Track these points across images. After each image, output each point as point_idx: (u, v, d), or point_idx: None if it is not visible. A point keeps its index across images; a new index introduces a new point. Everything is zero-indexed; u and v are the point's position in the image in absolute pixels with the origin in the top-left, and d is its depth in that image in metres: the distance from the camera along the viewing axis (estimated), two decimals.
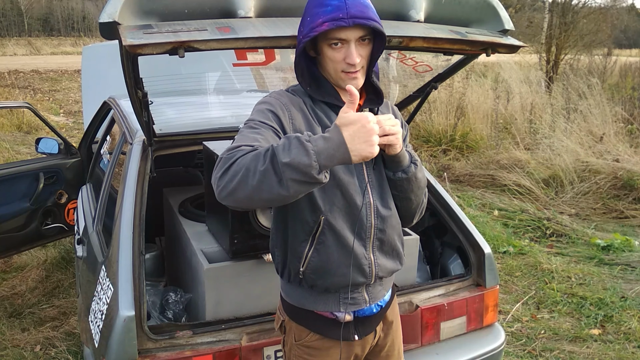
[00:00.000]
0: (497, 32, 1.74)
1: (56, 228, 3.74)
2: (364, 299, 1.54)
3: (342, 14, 1.29)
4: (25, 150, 7.60)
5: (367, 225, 1.47)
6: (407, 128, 1.63)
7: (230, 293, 2.02)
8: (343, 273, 1.46)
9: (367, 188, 1.47)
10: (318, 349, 1.56)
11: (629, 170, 5.58)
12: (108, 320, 1.78)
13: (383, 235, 1.51)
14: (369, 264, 1.49)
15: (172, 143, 2.40)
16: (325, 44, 1.36)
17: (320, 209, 1.43)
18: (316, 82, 1.45)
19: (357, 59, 1.34)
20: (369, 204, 1.47)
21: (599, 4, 15.04)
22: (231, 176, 1.18)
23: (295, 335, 1.58)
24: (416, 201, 1.55)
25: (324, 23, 1.30)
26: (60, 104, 12.17)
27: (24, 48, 25.42)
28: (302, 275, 1.48)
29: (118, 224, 1.98)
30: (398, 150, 1.40)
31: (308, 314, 1.55)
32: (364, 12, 1.31)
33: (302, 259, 1.46)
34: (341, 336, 1.53)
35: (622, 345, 3.19)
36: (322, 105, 1.47)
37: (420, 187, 1.53)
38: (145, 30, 1.32)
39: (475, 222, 4.53)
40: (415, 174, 1.48)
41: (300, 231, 1.46)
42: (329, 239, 1.44)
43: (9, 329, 3.26)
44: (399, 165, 1.45)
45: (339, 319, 1.54)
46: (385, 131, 1.32)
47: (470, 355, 2.14)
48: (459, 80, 8.77)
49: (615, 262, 4.28)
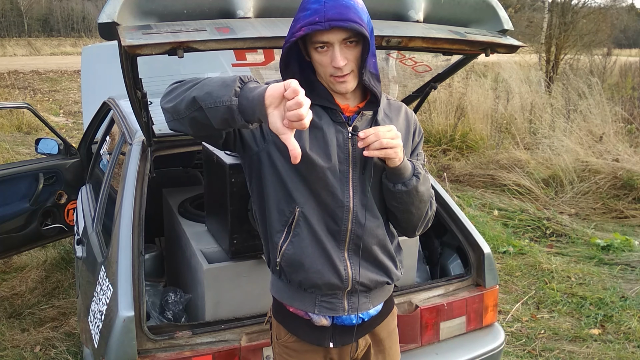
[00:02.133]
0: (497, 32, 1.73)
1: (56, 228, 3.74)
2: (342, 307, 1.49)
3: (319, 17, 1.26)
4: (25, 151, 7.60)
5: (343, 228, 1.44)
6: (421, 136, 1.57)
7: (230, 293, 2.02)
8: (317, 269, 1.44)
9: (349, 192, 1.42)
10: (295, 350, 1.55)
11: (628, 170, 5.58)
12: (107, 320, 1.78)
13: (359, 241, 1.46)
14: (344, 267, 1.45)
15: (172, 143, 2.39)
16: (312, 48, 1.34)
17: (296, 200, 1.41)
18: (310, 86, 1.41)
19: (341, 62, 1.31)
20: (347, 207, 1.42)
21: (598, 4, 15.07)
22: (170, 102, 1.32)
23: (277, 334, 1.59)
24: (418, 214, 1.48)
25: (302, 28, 1.28)
26: (60, 104, 12.18)
27: (24, 48, 25.45)
28: (278, 266, 1.48)
29: (117, 224, 1.98)
30: (397, 163, 1.36)
31: (286, 313, 1.55)
32: (343, 14, 1.26)
33: (277, 249, 1.46)
34: (316, 340, 1.52)
35: (622, 345, 3.19)
36: (316, 107, 1.43)
37: (422, 200, 1.46)
38: (144, 30, 1.32)
39: (475, 222, 4.53)
40: (416, 187, 1.42)
41: (276, 221, 1.45)
42: (303, 232, 1.43)
43: (9, 329, 3.26)
44: (399, 177, 1.40)
45: (314, 322, 1.52)
46: (382, 144, 1.30)
47: (469, 355, 2.14)
48: (459, 80, 8.78)
49: (615, 262, 4.28)
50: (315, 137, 1.41)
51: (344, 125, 1.42)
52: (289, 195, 1.42)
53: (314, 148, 1.40)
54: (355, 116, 1.44)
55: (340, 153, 1.41)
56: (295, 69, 1.40)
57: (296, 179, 1.41)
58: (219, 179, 2.06)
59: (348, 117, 1.43)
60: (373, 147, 1.31)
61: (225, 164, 1.96)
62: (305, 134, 1.40)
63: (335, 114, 1.42)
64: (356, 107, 1.44)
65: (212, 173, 2.17)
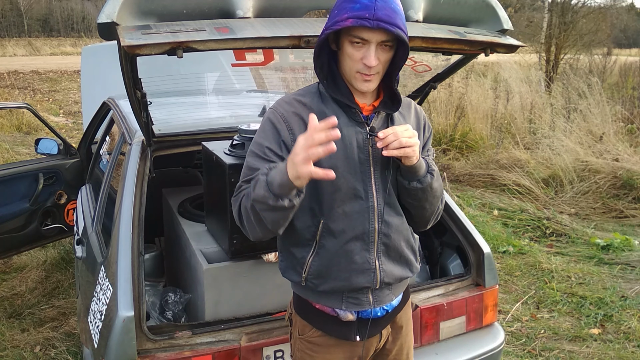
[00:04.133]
0: (496, 32, 1.74)
1: (56, 228, 3.74)
2: (368, 301, 1.52)
3: (369, 14, 1.27)
4: (25, 151, 7.60)
5: (370, 229, 1.45)
6: (430, 131, 1.59)
7: (230, 293, 2.02)
8: (345, 277, 1.46)
9: (372, 191, 1.44)
10: (320, 345, 1.57)
11: (628, 170, 5.58)
12: (107, 320, 1.78)
13: (388, 240, 1.48)
14: (373, 269, 1.47)
15: (171, 143, 2.39)
16: (347, 40, 1.35)
17: (319, 213, 1.44)
18: (333, 78, 1.43)
19: (374, 62, 1.32)
20: (372, 207, 1.45)
21: (598, 4, 15.08)
22: (243, 222, 1.41)
23: (300, 329, 1.60)
24: (430, 209, 1.52)
25: (348, 19, 1.28)
26: (59, 104, 12.18)
27: (24, 48, 25.46)
28: (304, 282, 1.49)
29: (117, 224, 1.98)
30: (414, 161, 1.38)
31: (311, 309, 1.56)
32: (391, 18, 1.28)
33: (304, 264, 1.47)
34: (343, 335, 1.54)
35: (622, 345, 3.19)
36: (333, 104, 1.44)
37: (435, 196, 1.49)
38: (143, 30, 1.32)
39: (474, 222, 4.53)
40: (430, 184, 1.45)
41: (301, 237, 1.47)
42: (328, 243, 1.45)
43: (9, 329, 3.26)
44: (414, 175, 1.43)
45: (341, 317, 1.53)
46: (401, 143, 1.31)
47: (469, 355, 2.14)
48: (459, 80, 8.77)
49: (615, 262, 4.28)
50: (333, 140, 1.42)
51: (362, 125, 1.43)
52: (312, 209, 1.44)
53: (333, 153, 1.40)
54: (372, 115, 1.45)
55: (361, 154, 1.43)
56: (325, 59, 1.42)
57: (316, 192, 1.43)
58: (218, 178, 2.06)
59: (367, 117, 1.45)
60: (392, 147, 1.33)
61: (225, 164, 1.96)
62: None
63: (355, 113, 1.43)
64: (372, 106, 1.46)
65: (212, 173, 2.17)
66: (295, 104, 1.45)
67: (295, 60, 2.07)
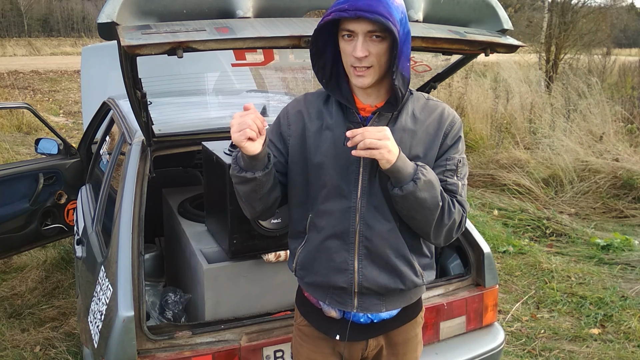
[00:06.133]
0: (496, 32, 1.73)
1: (56, 228, 3.74)
2: (351, 303, 1.48)
3: (348, 5, 1.26)
4: (25, 151, 7.60)
5: (351, 230, 1.43)
6: (456, 139, 1.45)
7: (230, 293, 2.02)
8: (324, 274, 1.48)
9: (357, 192, 1.42)
10: (307, 335, 1.61)
11: (628, 170, 5.58)
12: (107, 320, 1.78)
13: (370, 244, 1.43)
14: (351, 271, 1.45)
15: (171, 143, 2.39)
16: (340, 36, 1.35)
17: (309, 208, 1.48)
18: (337, 79, 1.43)
19: (360, 53, 1.30)
20: (354, 208, 1.42)
21: (598, 4, 15.08)
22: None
23: (296, 317, 1.67)
24: (423, 221, 1.39)
25: (331, 13, 1.29)
26: (59, 104, 12.18)
27: (24, 48, 25.45)
28: (294, 272, 1.57)
29: (117, 224, 1.98)
30: (386, 165, 1.31)
31: (302, 296, 1.62)
32: (372, 6, 1.25)
33: (295, 255, 1.54)
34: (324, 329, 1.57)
35: (622, 345, 3.19)
36: (334, 104, 1.44)
37: (424, 207, 1.35)
38: (143, 30, 1.32)
39: (474, 222, 4.54)
40: (413, 192, 1.32)
41: (296, 229, 1.55)
42: (312, 237, 1.48)
43: (9, 329, 3.26)
44: (396, 180, 1.34)
45: (324, 311, 1.56)
46: (366, 144, 1.27)
47: (469, 355, 2.14)
48: (459, 80, 8.77)
49: (615, 262, 4.28)
50: (325, 138, 1.43)
51: (358, 126, 1.40)
52: (301, 203, 1.49)
53: (323, 150, 1.43)
54: (371, 117, 1.42)
55: (351, 154, 1.38)
56: (329, 57, 1.41)
57: (306, 187, 1.47)
58: (218, 178, 2.06)
59: (364, 118, 1.43)
60: (359, 147, 1.29)
61: (225, 164, 1.96)
62: (315, 137, 1.43)
63: (352, 114, 1.43)
64: (374, 107, 1.43)
65: (212, 173, 2.17)
66: (302, 101, 1.51)
67: (295, 60, 2.07)
